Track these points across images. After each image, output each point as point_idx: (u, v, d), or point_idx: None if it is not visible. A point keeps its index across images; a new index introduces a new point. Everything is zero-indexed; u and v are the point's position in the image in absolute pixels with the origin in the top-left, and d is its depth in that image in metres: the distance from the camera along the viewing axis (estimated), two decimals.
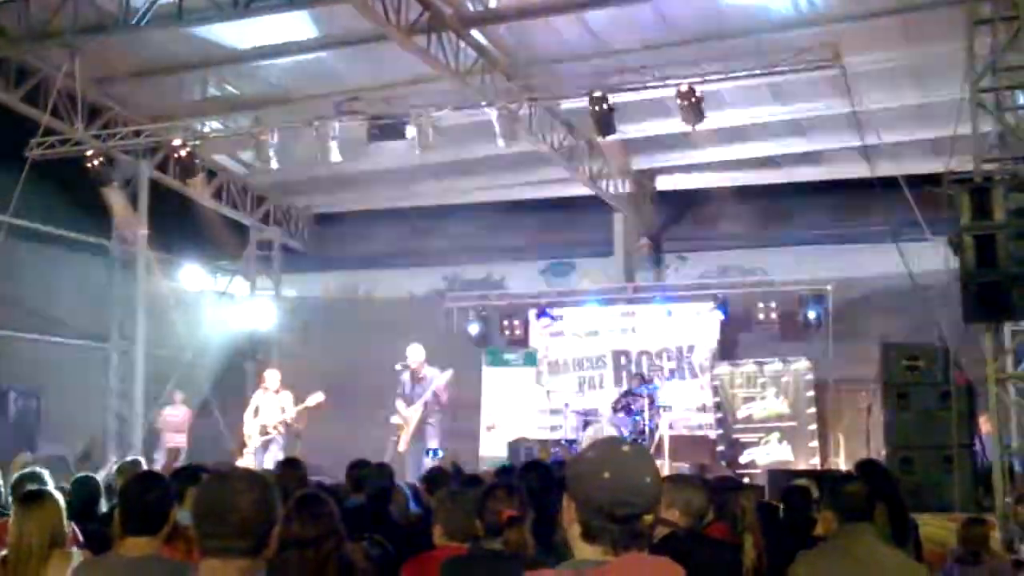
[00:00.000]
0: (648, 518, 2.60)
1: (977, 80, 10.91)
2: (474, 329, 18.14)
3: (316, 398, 14.39)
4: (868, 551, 4.71)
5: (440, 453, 13.88)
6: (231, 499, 2.88)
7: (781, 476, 11.03)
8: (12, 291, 16.08)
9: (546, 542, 4.82)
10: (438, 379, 14.29)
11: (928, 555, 7.73)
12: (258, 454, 14.27)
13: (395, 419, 14.42)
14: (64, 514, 5.08)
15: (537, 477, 6.41)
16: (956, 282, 10.40)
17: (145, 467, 9.18)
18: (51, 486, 6.02)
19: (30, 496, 5.25)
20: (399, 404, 14.42)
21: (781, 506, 6.98)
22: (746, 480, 11.86)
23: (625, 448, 2.67)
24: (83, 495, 6.67)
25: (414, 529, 6.18)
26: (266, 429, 14.49)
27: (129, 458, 14.12)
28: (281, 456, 13.47)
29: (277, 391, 14.74)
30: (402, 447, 14.19)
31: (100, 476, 9.93)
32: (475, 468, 12.66)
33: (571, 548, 2.66)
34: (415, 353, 14.47)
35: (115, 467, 10.91)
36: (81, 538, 5.41)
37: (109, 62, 14.49)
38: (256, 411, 14.93)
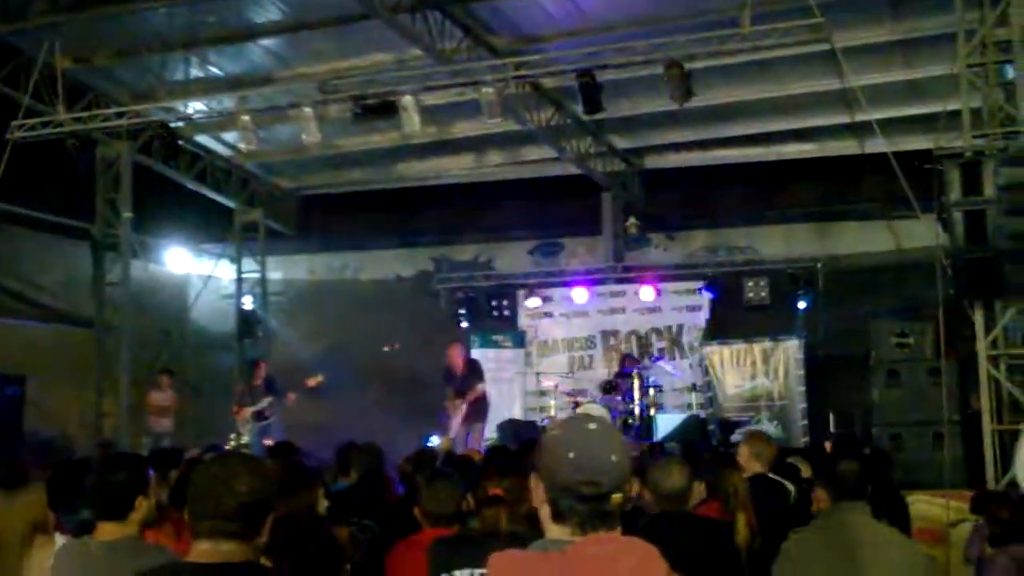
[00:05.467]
0: (617, 497, 2.53)
1: (966, 55, 10.86)
2: (462, 310, 18.06)
3: (315, 378, 14.99)
4: (861, 529, 4.68)
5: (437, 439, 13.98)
6: (230, 482, 2.87)
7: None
8: None
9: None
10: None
11: (919, 533, 7.72)
12: (256, 439, 14.46)
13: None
14: (45, 500, 4.99)
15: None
16: (947, 258, 10.39)
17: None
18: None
19: (11, 482, 5.17)
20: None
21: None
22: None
23: (591, 426, 2.61)
24: (65, 481, 6.57)
25: (403, 511, 6.12)
26: (263, 414, 14.82)
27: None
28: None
29: (261, 379, 15.39)
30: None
31: None
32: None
33: (543, 528, 2.61)
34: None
35: None
36: (63, 526, 5.32)
37: (90, 42, 14.33)
38: (241, 400, 15.20)
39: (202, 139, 17.65)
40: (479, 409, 14.79)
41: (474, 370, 15.02)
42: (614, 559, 2.50)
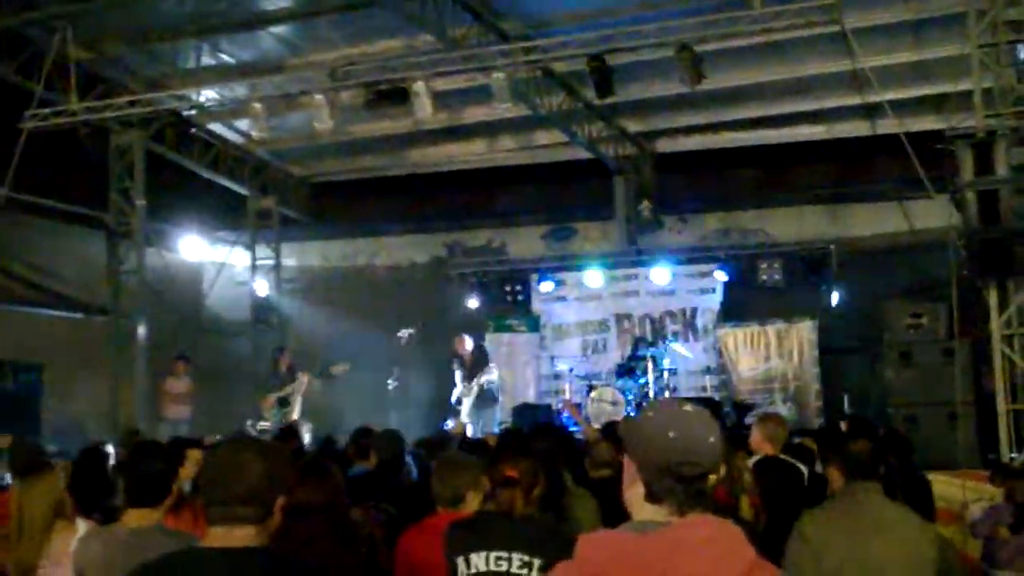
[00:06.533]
0: (713, 478, 2.60)
1: (978, 35, 10.83)
2: (476, 296, 18.08)
3: (342, 366, 14.98)
4: (875, 509, 4.70)
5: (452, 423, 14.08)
6: (239, 467, 2.90)
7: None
8: (10, 265, 16.01)
9: (554, 504, 4.82)
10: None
11: (937, 513, 7.71)
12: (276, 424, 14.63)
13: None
14: (63, 485, 5.06)
15: (547, 441, 6.38)
16: (960, 239, 10.38)
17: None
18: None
19: (30, 468, 5.23)
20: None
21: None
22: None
23: (688, 408, 2.65)
24: (90, 466, 6.64)
25: (419, 495, 6.16)
26: (287, 400, 14.98)
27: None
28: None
29: (286, 366, 15.50)
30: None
31: None
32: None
33: (631, 510, 2.64)
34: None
35: None
36: (81, 509, 5.38)
37: (102, 31, 14.36)
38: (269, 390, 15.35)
39: (214, 127, 17.68)
40: (489, 393, 15.01)
41: (481, 356, 15.18)
42: (712, 540, 2.50)
